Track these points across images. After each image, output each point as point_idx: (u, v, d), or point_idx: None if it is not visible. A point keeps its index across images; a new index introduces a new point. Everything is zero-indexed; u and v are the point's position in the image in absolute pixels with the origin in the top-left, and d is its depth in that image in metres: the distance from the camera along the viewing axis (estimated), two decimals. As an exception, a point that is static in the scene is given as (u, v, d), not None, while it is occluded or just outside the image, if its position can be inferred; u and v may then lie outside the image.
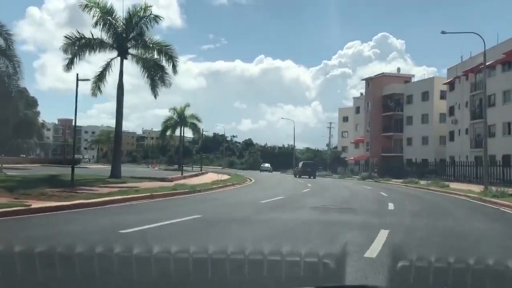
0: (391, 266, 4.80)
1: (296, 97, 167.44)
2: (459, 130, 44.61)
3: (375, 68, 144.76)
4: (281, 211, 12.30)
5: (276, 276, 3.80)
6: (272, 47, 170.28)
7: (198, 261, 4.20)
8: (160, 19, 24.39)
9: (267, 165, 71.56)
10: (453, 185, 28.81)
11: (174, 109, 53.24)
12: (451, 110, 47.03)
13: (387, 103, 58.22)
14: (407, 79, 59.08)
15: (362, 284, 4.26)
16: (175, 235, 7.64)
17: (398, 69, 60.26)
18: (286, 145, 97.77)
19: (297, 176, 47.50)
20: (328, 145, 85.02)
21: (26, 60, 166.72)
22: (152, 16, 23.98)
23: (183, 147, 52.45)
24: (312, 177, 44.78)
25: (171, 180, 25.35)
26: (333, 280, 3.95)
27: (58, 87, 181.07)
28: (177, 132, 56.04)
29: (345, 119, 76.01)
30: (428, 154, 50.15)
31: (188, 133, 57.96)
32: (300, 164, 52.46)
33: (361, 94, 67.78)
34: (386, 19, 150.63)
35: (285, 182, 36.38)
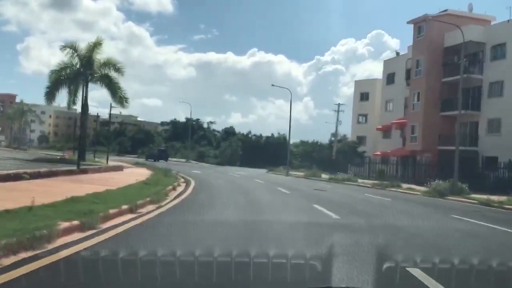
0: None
1: (287, 92, 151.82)
2: None
3: (368, 66, 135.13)
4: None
5: None
6: (265, 41, 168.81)
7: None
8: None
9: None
10: None
11: (73, 48, 28.48)
12: None
13: (451, 62, 34.34)
14: (485, 21, 35.20)
15: (349, 287, 4.23)
16: None
17: (470, 6, 36.20)
18: (276, 135, 73.79)
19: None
20: (334, 135, 60.89)
21: (9, 42, 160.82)
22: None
23: (84, 121, 27.61)
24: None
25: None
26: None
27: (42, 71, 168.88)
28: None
29: (364, 96, 52.10)
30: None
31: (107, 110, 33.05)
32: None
33: (397, 53, 43.92)
34: (381, 17, 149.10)
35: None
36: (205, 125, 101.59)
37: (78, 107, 31.70)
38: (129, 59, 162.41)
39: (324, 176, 35.28)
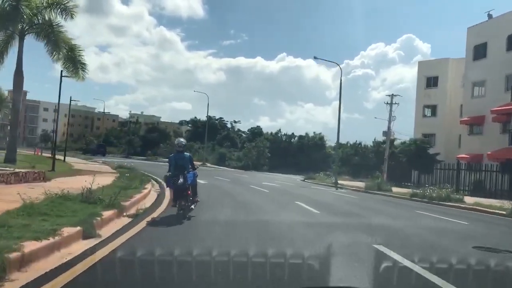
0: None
1: (316, 96, 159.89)
2: None
3: (399, 70, 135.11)
4: None
5: None
6: (294, 45, 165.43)
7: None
8: None
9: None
10: None
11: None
12: None
13: None
14: None
15: (346, 286, 4.20)
16: None
17: None
18: (311, 134, 61.80)
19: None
20: (387, 133, 48.08)
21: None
22: None
23: (16, 100, 16.76)
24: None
25: None
26: None
27: None
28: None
29: (431, 82, 39.55)
30: None
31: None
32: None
33: (489, 15, 31.27)
34: (412, 21, 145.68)
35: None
36: (229, 125, 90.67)
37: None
38: (160, 64, 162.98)
39: (398, 190, 23.16)
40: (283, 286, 4.07)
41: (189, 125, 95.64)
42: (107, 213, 7.29)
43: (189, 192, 8.73)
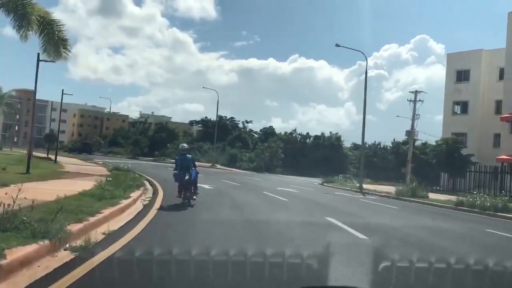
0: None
1: (328, 97, 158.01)
2: None
3: (412, 72, 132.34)
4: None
5: None
6: (306, 47, 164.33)
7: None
8: None
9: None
10: None
11: None
12: None
13: None
14: None
15: (344, 285, 4.12)
16: None
17: None
18: (328, 134, 58.51)
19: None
20: (410, 133, 44.45)
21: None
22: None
23: None
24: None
25: None
26: None
27: (89, 77, 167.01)
28: None
29: (462, 76, 35.98)
30: None
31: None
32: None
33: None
34: (426, 22, 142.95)
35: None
36: (240, 125, 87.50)
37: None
38: (173, 66, 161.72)
39: (436, 197, 19.82)
40: None
41: (200, 125, 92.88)
42: (21, 251, 4.21)
43: (192, 186, 11.19)
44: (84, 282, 3.96)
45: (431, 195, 20.58)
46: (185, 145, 12.19)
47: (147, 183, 17.26)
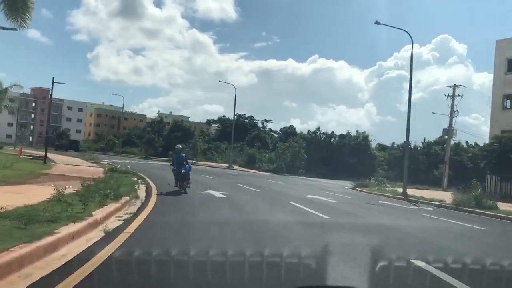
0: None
1: (348, 98, 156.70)
2: None
3: (434, 72, 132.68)
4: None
5: None
6: (325, 47, 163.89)
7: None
8: None
9: None
10: None
11: None
12: None
13: None
14: None
15: (342, 285, 4.04)
16: None
17: None
18: (354, 133, 54.24)
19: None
20: (447, 131, 39.92)
21: (81, 50, 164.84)
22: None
23: None
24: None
25: None
26: None
27: (110, 78, 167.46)
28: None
29: (513, 66, 31.35)
30: None
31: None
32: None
33: None
34: (447, 21, 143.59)
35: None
36: (260, 124, 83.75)
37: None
38: (193, 67, 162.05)
39: (506, 208, 15.55)
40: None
41: (217, 124, 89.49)
42: None
43: (187, 177, 14.28)
44: None
45: (504, 206, 16.35)
46: (179, 146, 15.69)
47: (142, 188, 13.76)
